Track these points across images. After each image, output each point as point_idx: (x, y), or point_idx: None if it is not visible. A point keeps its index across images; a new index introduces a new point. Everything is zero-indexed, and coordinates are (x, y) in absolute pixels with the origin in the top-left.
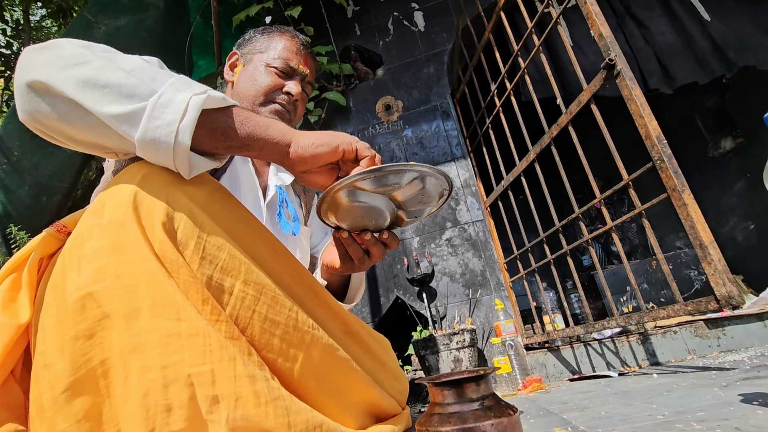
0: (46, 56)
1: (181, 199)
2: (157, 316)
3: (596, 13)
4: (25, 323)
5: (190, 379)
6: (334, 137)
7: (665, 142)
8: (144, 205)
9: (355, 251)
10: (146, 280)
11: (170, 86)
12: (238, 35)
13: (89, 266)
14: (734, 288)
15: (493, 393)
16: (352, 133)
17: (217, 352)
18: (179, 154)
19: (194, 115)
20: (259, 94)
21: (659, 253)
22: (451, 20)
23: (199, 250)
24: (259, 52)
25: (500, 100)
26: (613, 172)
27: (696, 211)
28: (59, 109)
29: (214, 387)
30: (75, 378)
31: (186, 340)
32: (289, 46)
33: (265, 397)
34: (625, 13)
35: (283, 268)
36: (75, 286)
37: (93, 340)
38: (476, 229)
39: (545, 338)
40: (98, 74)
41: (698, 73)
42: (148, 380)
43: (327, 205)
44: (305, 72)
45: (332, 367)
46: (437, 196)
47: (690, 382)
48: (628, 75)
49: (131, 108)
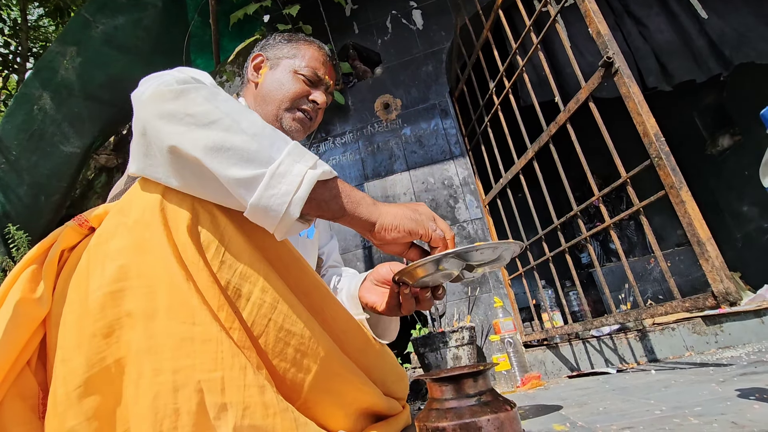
0: (176, 108)
1: (205, 203)
2: (172, 319)
3: (594, 11)
4: (44, 315)
5: (199, 385)
6: (417, 223)
7: (663, 139)
8: (170, 208)
9: (410, 305)
10: (166, 282)
11: (287, 156)
12: (236, 33)
13: (113, 264)
14: (731, 284)
15: (491, 389)
16: (350, 131)
17: (229, 360)
18: (285, 223)
19: (308, 189)
20: (286, 99)
21: (657, 251)
22: (450, 19)
23: (219, 254)
24: (287, 58)
25: (498, 99)
26: (612, 170)
27: (694, 208)
28: (184, 174)
29: (223, 395)
30: (89, 375)
31: (199, 345)
32: (317, 56)
33: (274, 408)
34: (624, 11)
35: (300, 273)
36: (97, 283)
37: (110, 339)
38: (475, 227)
39: (544, 335)
40: (225, 138)
41: (695, 71)
42: (159, 383)
43: (406, 276)
44: (329, 82)
45: (344, 379)
46: (509, 259)
47: (688, 378)
48: (626, 72)
49: (251, 173)
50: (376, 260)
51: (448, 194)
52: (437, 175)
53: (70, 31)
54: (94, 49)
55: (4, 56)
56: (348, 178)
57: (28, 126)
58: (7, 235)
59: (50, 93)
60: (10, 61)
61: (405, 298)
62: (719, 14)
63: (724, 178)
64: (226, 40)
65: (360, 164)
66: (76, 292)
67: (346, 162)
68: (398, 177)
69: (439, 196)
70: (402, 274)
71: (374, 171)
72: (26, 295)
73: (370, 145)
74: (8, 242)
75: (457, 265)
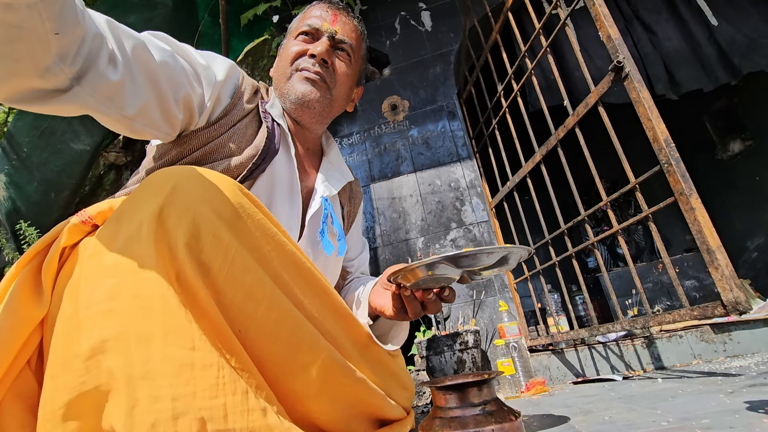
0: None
1: (208, 215)
2: (170, 344)
3: (605, 15)
4: (42, 315)
5: (200, 413)
6: None
7: (673, 145)
8: (170, 221)
9: (414, 307)
10: (161, 304)
11: None
12: (246, 33)
13: (108, 281)
14: (741, 293)
15: (495, 398)
16: (358, 132)
17: (230, 385)
18: None
19: None
20: (286, 67)
21: (666, 258)
22: (459, 20)
23: (222, 272)
24: (293, 28)
25: (507, 101)
26: (619, 174)
27: (704, 215)
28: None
29: (226, 421)
30: (69, 399)
31: (199, 371)
32: (314, 10)
33: (279, 429)
34: (633, 16)
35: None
36: (87, 301)
37: (89, 362)
38: (481, 230)
39: (549, 340)
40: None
41: (703, 80)
42: (157, 410)
43: (403, 276)
44: (333, 30)
45: (350, 389)
46: (515, 264)
47: (695, 387)
48: (636, 77)
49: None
50: (381, 261)
51: (454, 196)
52: (444, 177)
53: None
54: None
55: None
56: None
57: (39, 123)
58: (18, 231)
59: None
60: None
61: (407, 301)
62: (730, 21)
63: (734, 184)
64: (235, 40)
65: (367, 165)
66: (69, 303)
67: (352, 163)
68: (405, 178)
69: (446, 199)
70: (395, 276)
71: (381, 172)
72: (25, 294)
73: (377, 146)
74: (19, 238)
75: (454, 269)
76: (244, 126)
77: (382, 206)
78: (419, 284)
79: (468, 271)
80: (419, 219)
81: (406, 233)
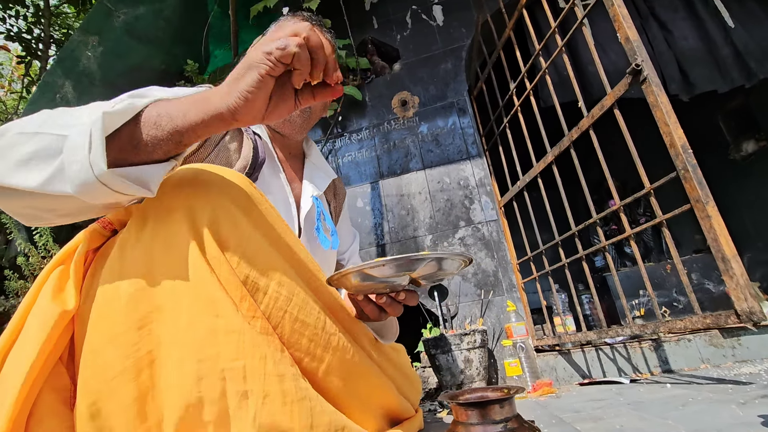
0: None
1: (225, 203)
2: (197, 312)
3: (624, 16)
4: (73, 313)
5: (223, 374)
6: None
7: (690, 151)
8: (196, 209)
9: (371, 311)
10: (190, 276)
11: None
12: (255, 26)
13: (141, 261)
14: (756, 303)
15: (517, 414)
16: (367, 128)
17: (250, 350)
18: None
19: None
20: None
21: (678, 263)
22: (471, 15)
23: (237, 251)
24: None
25: (519, 100)
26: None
27: (720, 223)
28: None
29: (245, 382)
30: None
31: (222, 336)
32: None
33: (292, 396)
34: (649, 14)
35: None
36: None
37: (142, 331)
38: (490, 228)
39: (556, 341)
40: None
41: (718, 81)
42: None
43: (337, 284)
44: None
45: (357, 371)
46: (456, 270)
47: (705, 395)
48: (654, 81)
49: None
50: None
51: (463, 195)
52: (453, 174)
53: (92, 20)
54: (115, 38)
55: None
56: (363, 175)
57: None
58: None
59: (72, 82)
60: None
61: (362, 304)
62: (744, 25)
63: (747, 184)
64: (244, 33)
65: (375, 161)
66: (106, 289)
67: (361, 159)
68: (414, 175)
69: (455, 197)
70: (332, 280)
71: (389, 169)
72: (56, 295)
73: (386, 143)
74: (31, 228)
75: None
76: (227, 142)
77: (390, 203)
78: (364, 289)
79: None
80: (428, 216)
81: (415, 231)
